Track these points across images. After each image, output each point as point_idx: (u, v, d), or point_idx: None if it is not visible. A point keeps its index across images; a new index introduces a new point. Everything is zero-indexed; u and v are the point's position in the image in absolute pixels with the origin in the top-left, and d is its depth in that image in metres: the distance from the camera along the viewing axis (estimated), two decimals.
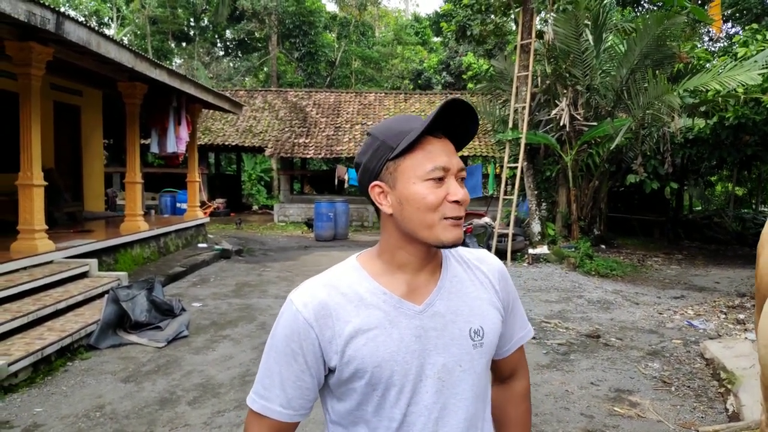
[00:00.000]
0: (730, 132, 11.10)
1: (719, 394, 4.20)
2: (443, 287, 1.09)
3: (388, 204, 1.04)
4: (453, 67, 25.38)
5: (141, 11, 27.87)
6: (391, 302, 1.05)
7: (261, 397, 1.06)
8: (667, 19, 9.97)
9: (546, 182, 12.35)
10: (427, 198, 1.00)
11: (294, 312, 1.03)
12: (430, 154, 1.01)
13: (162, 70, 8.16)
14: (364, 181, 1.08)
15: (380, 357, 1.01)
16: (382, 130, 1.06)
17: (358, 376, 1.02)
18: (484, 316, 1.11)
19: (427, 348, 1.04)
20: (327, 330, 1.02)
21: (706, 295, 8.01)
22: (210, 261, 9.60)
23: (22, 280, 5.45)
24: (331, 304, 1.03)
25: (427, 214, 1.00)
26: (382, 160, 1.03)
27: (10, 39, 5.87)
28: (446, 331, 1.06)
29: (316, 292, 1.05)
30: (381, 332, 1.02)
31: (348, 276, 1.08)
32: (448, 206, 1.01)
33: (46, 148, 8.82)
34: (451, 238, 1.01)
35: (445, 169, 1.01)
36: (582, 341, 5.53)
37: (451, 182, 1.02)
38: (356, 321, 1.02)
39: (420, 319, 1.05)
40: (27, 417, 3.63)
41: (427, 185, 1.00)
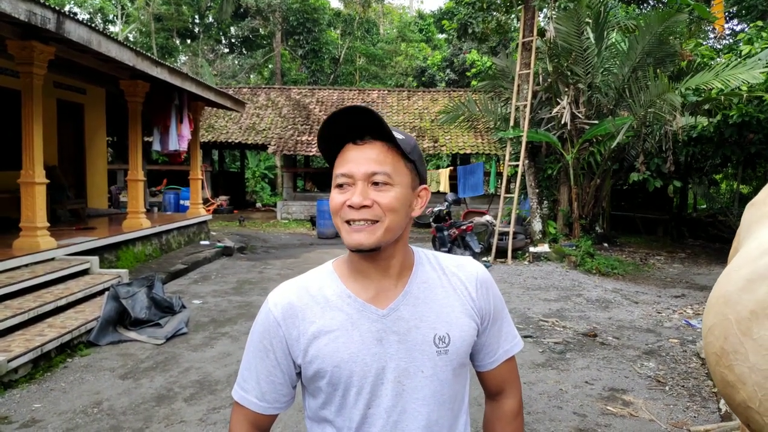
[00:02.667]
0: (734, 130, 11.04)
1: (713, 394, 4.21)
2: (410, 293, 1.11)
3: None
4: (457, 65, 25.35)
5: (145, 8, 27.97)
6: (355, 305, 1.08)
7: (241, 388, 1.13)
8: (669, 16, 9.93)
9: (547, 180, 12.33)
10: (332, 203, 1.06)
11: (267, 311, 1.10)
12: (340, 161, 1.07)
13: (163, 68, 8.21)
14: None
15: (339, 357, 1.05)
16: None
17: (319, 375, 1.06)
18: (452, 324, 1.10)
19: (389, 352, 1.06)
20: (293, 329, 1.07)
21: (707, 294, 7.95)
22: (212, 258, 9.66)
23: (24, 277, 5.51)
24: (298, 305, 1.08)
25: (335, 219, 1.07)
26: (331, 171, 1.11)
27: (12, 38, 5.93)
28: (409, 336, 1.08)
29: (286, 293, 1.11)
30: (342, 333, 1.06)
31: (320, 279, 1.12)
32: (345, 210, 1.04)
33: (50, 146, 8.90)
34: (350, 241, 1.04)
35: (346, 175, 1.05)
36: (579, 340, 5.54)
37: (358, 187, 1.04)
38: (320, 322, 1.07)
39: (383, 322, 1.07)
40: (26, 412, 3.68)
41: (336, 191, 1.06)
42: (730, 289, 1.56)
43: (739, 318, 1.48)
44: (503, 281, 8.51)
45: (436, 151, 17.52)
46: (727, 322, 1.52)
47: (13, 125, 7.27)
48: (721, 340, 1.53)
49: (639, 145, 11.62)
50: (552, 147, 11.78)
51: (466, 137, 17.51)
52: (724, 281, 1.64)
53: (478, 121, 15.38)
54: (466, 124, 14.99)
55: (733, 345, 1.48)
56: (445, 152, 17.61)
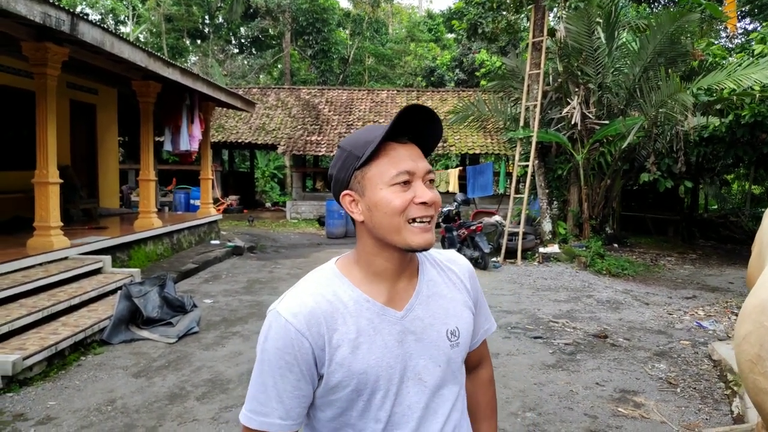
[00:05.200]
0: (746, 130, 10.95)
1: (725, 396, 4.18)
2: (421, 292, 1.13)
3: (359, 212, 1.07)
4: (466, 64, 25.31)
5: (156, 9, 28.14)
6: (375, 310, 1.07)
7: (258, 414, 1.05)
8: (681, 15, 9.87)
9: (557, 181, 12.29)
10: (393, 202, 1.02)
11: (284, 324, 1.03)
12: (393, 159, 1.03)
13: (175, 69, 8.27)
14: (336, 191, 1.11)
15: (366, 364, 1.04)
16: (349, 141, 1.09)
17: (343, 384, 1.04)
18: (459, 317, 1.16)
19: (409, 351, 1.08)
20: (319, 338, 1.03)
21: (719, 296, 7.94)
22: (222, 258, 9.71)
23: (38, 275, 5.58)
24: (319, 313, 1.04)
25: (393, 218, 1.02)
26: (350, 169, 1.06)
27: (27, 39, 6.00)
28: (425, 334, 1.10)
29: (303, 301, 1.05)
30: (366, 340, 1.05)
31: (331, 283, 1.09)
32: (414, 208, 1.02)
33: (63, 146, 8.98)
34: (419, 241, 1.03)
35: (409, 173, 1.03)
36: (589, 341, 5.53)
37: (418, 185, 1.04)
38: (342, 329, 1.05)
39: (401, 324, 1.09)
40: (41, 410, 3.73)
41: (393, 190, 1.02)
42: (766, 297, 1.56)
43: None
44: (513, 282, 8.49)
45: (445, 151, 17.51)
46: (763, 329, 1.53)
47: (28, 126, 7.36)
48: (757, 348, 1.53)
49: (650, 145, 11.55)
50: (562, 147, 11.75)
51: (475, 137, 17.48)
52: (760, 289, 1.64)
53: (487, 121, 15.34)
54: (476, 124, 14.97)
55: None
56: (454, 152, 17.60)
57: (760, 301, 1.59)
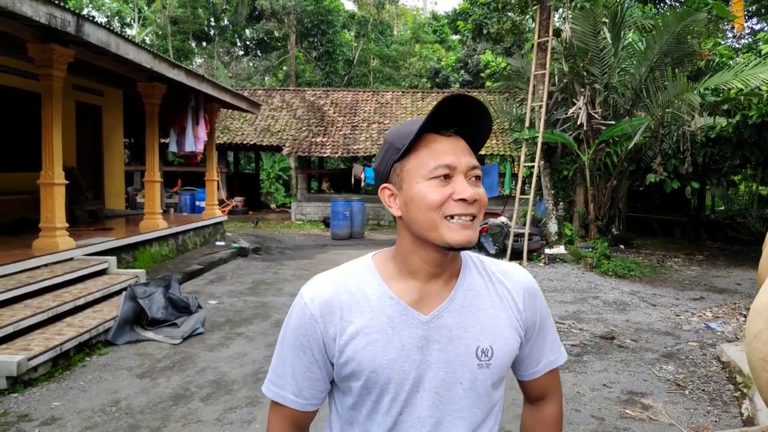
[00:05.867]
0: (753, 131, 10.87)
1: (734, 398, 4.14)
2: (455, 299, 1.04)
3: (396, 206, 1.02)
4: (471, 66, 25.27)
5: (162, 11, 28.25)
6: (397, 308, 1.02)
7: (275, 385, 1.07)
8: (687, 15, 9.81)
9: (563, 181, 12.24)
10: (430, 196, 0.96)
11: (302, 306, 1.04)
12: (434, 152, 0.97)
13: (180, 70, 8.28)
14: (377, 185, 1.07)
15: (378, 362, 1.00)
16: (392, 133, 1.04)
17: (354, 377, 1.02)
18: (497, 336, 1.05)
19: (428, 360, 1.01)
20: (331, 327, 1.02)
21: (726, 297, 7.88)
22: (227, 259, 9.72)
23: (43, 276, 5.58)
24: (336, 302, 1.02)
25: (430, 214, 0.96)
26: (390, 162, 1.02)
27: (32, 41, 6.01)
28: (450, 346, 1.02)
29: (324, 288, 1.04)
30: (382, 337, 1.00)
31: (359, 275, 1.06)
32: (452, 205, 0.96)
33: (68, 147, 9.01)
34: (458, 238, 0.96)
35: (450, 166, 0.97)
36: (596, 342, 5.49)
37: (459, 180, 0.97)
38: (359, 322, 1.01)
39: (424, 329, 1.01)
40: (45, 410, 3.73)
41: (431, 184, 0.96)
42: None
43: None
44: None
45: None
46: None
47: (33, 127, 7.39)
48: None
49: (656, 145, 11.49)
50: (568, 148, 11.70)
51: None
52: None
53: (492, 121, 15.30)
54: None
55: None
56: None
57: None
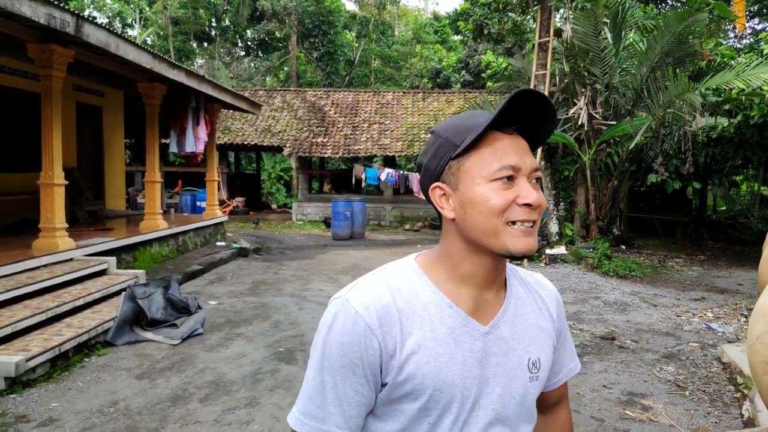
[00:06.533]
0: (755, 131, 10.85)
1: (735, 399, 4.12)
2: (509, 309, 0.99)
3: (450, 208, 0.93)
4: (472, 66, 25.25)
5: (163, 12, 28.28)
6: (458, 318, 0.93)
7: (313, 418, 0.91)
8: (689, 15, 9.79)
9: (564, 182, 12.22)
10: (492, 200, 0.88)
11: (353, 316, 0.89)
12: (497, 151, 0.90)
13: (180, 70, 8.28)
14: (425, 183, 0.97)
15: (443, 379, 0.90)
16: (446, 127, 0.95)
17: (413, 397, 0.90)
18: (542, 347, 1.02)
19: (486, 375, 0.94)
20: (390, 339, 0.89)
21: (728, 298, 7.85)
22: (227, 259, 9.71)
23: (42, 277, 5.58)
24: (394, 310, 0.90)
25: (491, 219, 0.89)
26: (445, 159, 0.93)
27: (32, 41, 6.01)
28: (507, 359, 0.96)
29: (379, 293, 0.91)
30: (445, 351, 0.91)
31: (410, 280, 0.95)
32: (516, 210, 0.89)
33: (69, 148, 9.02)
34: (520, 247, 0.89)
35: (515, 168, 0.89)
36: (596, 343, 5.47)
37: (522, 183, 0.90)
38: (419, 334, 0.90)
39: (484, 341, 0.94)
40: (43, 411, 3.72)
41: (494, 186, 0.89)
42: None
43: None
44: None
45: None
46: None
47: (34, 127, 7.39)
48: None
49: (657, 146, 11.47)
50: (569, 148, 11.68)
51: None
52: None
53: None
54: None
55: None
56: None
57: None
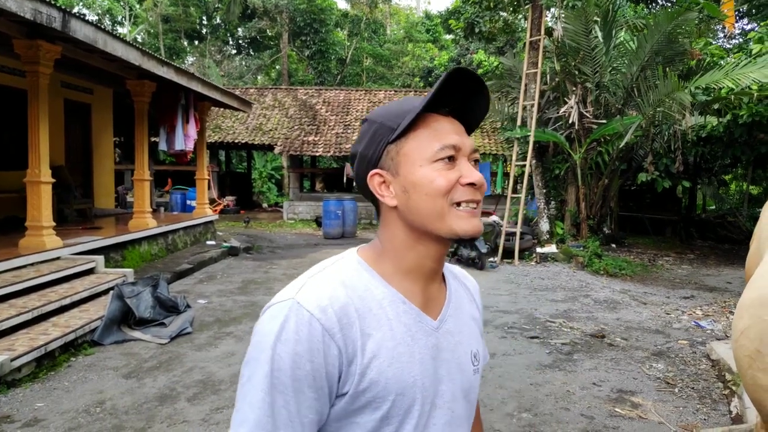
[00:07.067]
0: (744, 130, 10.92)
1: (723, 396, 4.14)
2: (452, 301, 0.95)
3: (391, 195, 0.88)
4: (464, 65, 25.27)
5: (153, 10, 28.09)
6: (412, 314, 0.87)
7: None
8: (678, 15, 9.84)
9: (555, 180, 12.25)
10: (436, 181, 0.84)
11: (308, 319, 0.78)
12: (436, 132, 0.86)
13: (169, 67, 8.21)
14: (362, 172, 0.91)
15: (405, 382, 0.83)
16: (379, 113, 0.91)
17: (374, 406, 0.82)
18: (478, 338, 0.99)
19: (440, 372, 0.88)
20: (350, 344, 0.80)
21: (717, 296, 7.91)
22: (217, 258, 9.65)
23: (29, 276, 5.51)
24: (352, 309, 0.82)
25: (437, 200, 0.84)
26: (382, 144, 0.88)
27: (18, 37, 5.93)
28: (455, 354, 0.91)
29: (334, 291, 0.82)
30: (405, 350, 0.84)
31: (360, 275, 0.87)
32: (460, 190, 0.85)
33: (57, 146, 8.93)
34: (467, 227, 0.85)
35: (456, 147, 0.86)
36: (586, 341, 5.48)
37: (464, 163, 0.87)
38: (378, 335, 0.82)
39: (436, 337, 0.89)
40: (28, 411, 3.67)
41: (436, 167, 0.85)
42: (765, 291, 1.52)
43: None
44: (510, 282, 8.44)
45: None
46: (763, 323, 1.48)
47: (21, 125, 7.29)
48: (756, 342, 1.49)
49: (647, 144, 11.53)
50: (559, 147, 11.71)
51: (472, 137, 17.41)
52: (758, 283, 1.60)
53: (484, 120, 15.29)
54: None
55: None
56: None
57: (758, 295, 1.55)
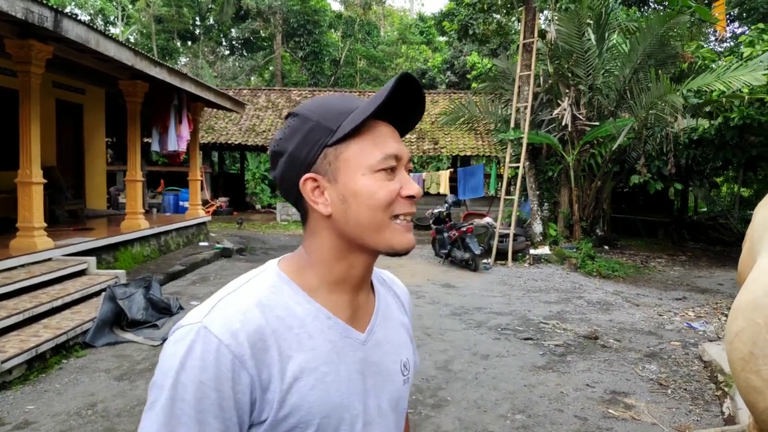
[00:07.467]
0: (735, 133, 11.01)
1: (716, 397, 4.16)
2: (380, 310, 0.91)
3: (325, 202, 0.82)
4: (457, 67, 25.35)
5: (146, 10, 27.98)
6: (338, 329, 0.82)
7: None
8: (670, 18, 9.90)
9: (548, 182, 12.29)
10: (380, 193, 0.80)
11: (216, 346, 0.72)
12: (379, 139, 0.81)
13: (162, 68, 8.17)
14: (291, 174, 0.83)
15: (331, 403, 0.78)
16: (314, 109, 0.83)
17: (297, 431, 0.77)
18: (408, 346, 0.95)
19: (368, 387, 0.84)
20: (264, 370, 0.74)
21: (709, 297, 7.95)
22: (210, 260, 9.61)
23: (20, 277, 5.46)
24: (269, 332, 0.76)
25: (377, 213, 0.80)
26: (318, 146, 0.81)
27: (10, 37, 5.89)
28: (384, 365, 0.87)
29: (247, 313, 0.76)
30: (330, 370, 0.79)
31: (280, 292, 0.81)
32: (401, 203, 0.81)
33: (48, 146, 8.86)
34: (405, 243, 0.82)
35: (397, 157, 0.82)
36: (579, 342, 5.49)
37: (403, 174, 0.83)
38: (300, 356, 0.77)
39: (363, 351, 0.85)
40: (19, 414, 3.63)
41: (379, 177, 0.80)
42: (759, 294, 1.54)
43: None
44: (503, 283, 8.46)
45: (436, 153, 17.49)
46: (756, 326, 1.50)
47: (12, 125, 7.24)
48: (750, 345, 1.51)
49: (640, 147, 11.59)
50: (553, 149, 11.75)
51: (466, 139, 17.48)
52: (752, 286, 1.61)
53: (478, 122, 15.36)
54: (467, 125, 14.96)
55: (762, 349, 1.46)
56: (445, 154, 17.60)
57: (752, 298, 1.56)
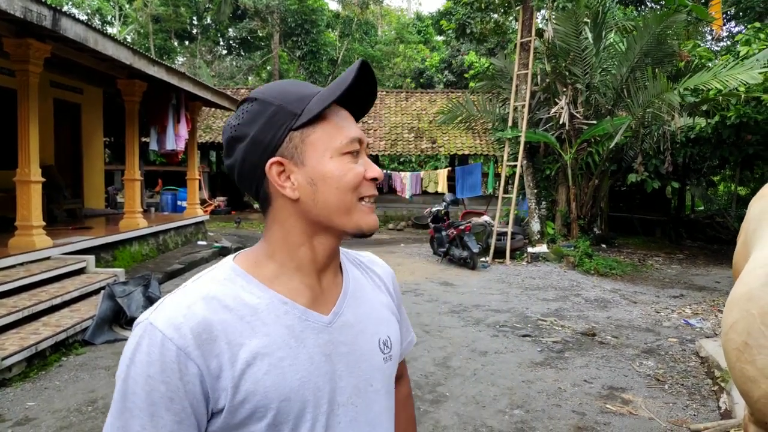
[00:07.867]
0: (731, 131, 11.04)
1: (713, 392, 4.19)
2: (348, 291, 0.92)
3: (292, 186, 0.83)
4: (455, 66, 25.36)
5: (144, 10, 27.94)
6: (296, 314, 0.83)
7: None
8: (667, 17, 9.94)
9: (546, 181, 12.32)
10: (348, 175, 0.83)
11: (160, 341, 0.75)
12: (342, 122, 0.85)
13: (160, 67, 8.18)
14: (253, 159, 0.84)
15: (288, 386, 0.79)
16: (274, 93, 0.84)
17: (257, 416, 0.78)
18: (389, 324, 0.97)
19: (338, 368, 0.85)
20: (213, 359, 0.76)
21: (706, 295, 7.99)
22: (208, 258, 9.62)
23: (19, 275, 5.47)
24: (215, 323, 0.78)
25: (346, 195, 0.83)
26: (283, 129, 0.82)
27: (8, 35, 5.89)
28: (356, 346, 0.89)
29: (191, 307, 0.78)
30: (287, 354, 0.80)
31: (231, 285, 0.83)
32: (366, 185, 0.85)
33: (46, 146, 8.86)
34: (371, 223, 0.86)
35: (360, 141, 0.85)
36: (577, 339, 5.52)
37: (365, 157, 0.87)
38: (253, 343, 0.79)
39: (329, 332, 0.86)
40: (19, 411, 3.65)
41: (345, 160, 0.83)
42: (753, 285, 1.56)
43: (762, 312, 1.49)
44: (501, 281, 8.49)
45: (434, 152, 17.52)
46: (750, 317, 1.53)
47: (10, 124, 7.24)
48: (744, 335, 1.53)
49: (637, 145, 11.62)
50: (550, 147, 11.78)
51: (464, 138, 17.51)
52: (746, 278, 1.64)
53: (476, 121, 15.39)
54: (464, 124, 14.98)
55: (757, 339, 1.49)
56: (443, 153, 17.63)
57: (747, 290, 1.58)
